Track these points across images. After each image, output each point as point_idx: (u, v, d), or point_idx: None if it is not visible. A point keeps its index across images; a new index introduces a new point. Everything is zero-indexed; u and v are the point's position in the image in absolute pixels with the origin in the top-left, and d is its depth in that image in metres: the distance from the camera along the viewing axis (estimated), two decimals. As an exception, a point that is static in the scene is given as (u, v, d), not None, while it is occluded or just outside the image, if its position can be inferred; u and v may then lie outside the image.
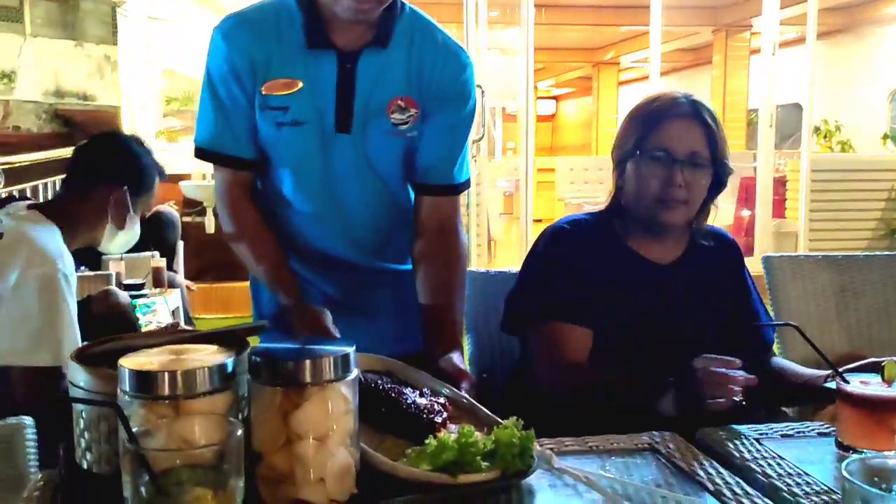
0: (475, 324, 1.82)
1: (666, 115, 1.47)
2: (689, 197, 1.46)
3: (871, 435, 1.00)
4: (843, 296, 1.83)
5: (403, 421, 1.02)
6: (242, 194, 1.44)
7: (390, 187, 1.45)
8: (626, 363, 1.43)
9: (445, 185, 1.45)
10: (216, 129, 1.40)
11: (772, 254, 1.87)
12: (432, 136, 1.40)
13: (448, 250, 1.46)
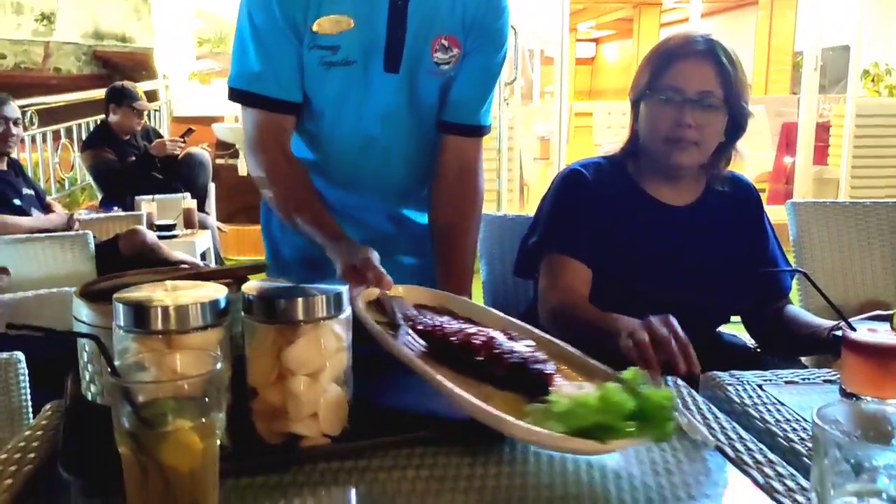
0: (491, 268, 1.83)
1: (679, 53, 1.45)
2: (700, 138, 1.44)
3: (875, 383, 0.99)
4: (868, 243, 1.78)
5: (508, 372, 0.91)
6: (276, 138, 1.37)
7: (426, 128, 1.44)
8: (637, 306, 1.42)
9: (471, 126, 1.44)
10: (258, 67, 1.33)
11: (798, 199, 1.83)
12: (466, 75, 1.39)
13: (465, 194, 1.46)
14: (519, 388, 0.90)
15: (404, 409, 0.98)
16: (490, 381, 0.91)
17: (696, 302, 1.48)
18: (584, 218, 1.48)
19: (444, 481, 0.81)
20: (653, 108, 1.45)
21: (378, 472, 0.83)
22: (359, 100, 1.36)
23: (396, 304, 1.06)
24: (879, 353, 0.99)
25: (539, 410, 0.82)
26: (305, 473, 0.83)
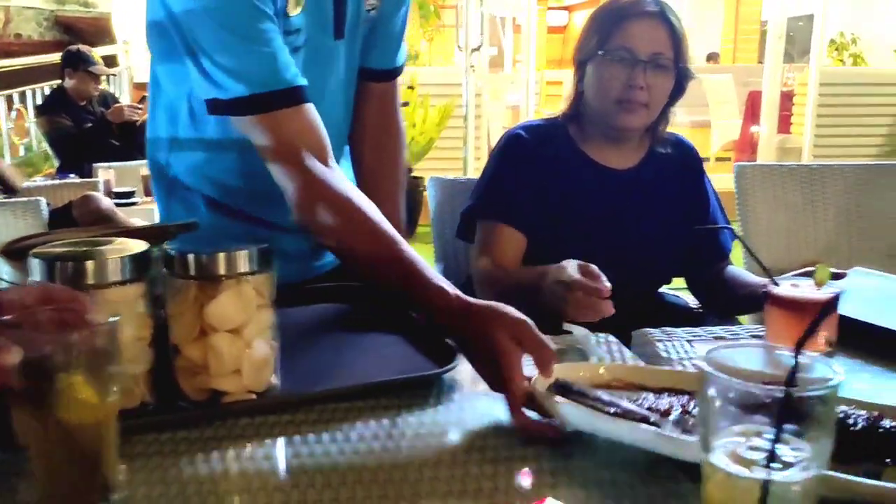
0: (440, 232, 1.83)
1: (630, 14, 1.44)
2: (650, 100, 1.44)
3: (796, 336, 1.00)
4: (811, 205, 1.81)
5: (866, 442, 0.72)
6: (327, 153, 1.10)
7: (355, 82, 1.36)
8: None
9: (390, 70, 1.39)
10: (274, 60, 1.06)
11: (744, 163, 1.85)
12: (388, 15, 1.33)
13: (390, 137, 1.42)
14: (875, 454, 0.71)
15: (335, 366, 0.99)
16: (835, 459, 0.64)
17: (638, 264, 1.50)
18: (523, 182, 1.47)
19: (369, 435, 0.81)
20: (603, 69, 1.44)
21: (301, 425, 0.84)
22: (318, 76, 1.23)
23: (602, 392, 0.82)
24: (799, 307, 1.01)
25: None
26: (227, 428, 0.83)
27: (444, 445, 0.80)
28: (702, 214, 1.56)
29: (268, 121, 1.05)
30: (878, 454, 0.71)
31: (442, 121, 5.44)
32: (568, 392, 0.79)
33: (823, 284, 1.03)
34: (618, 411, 0.76)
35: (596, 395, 0.79)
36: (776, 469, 0.52)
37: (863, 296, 1.21)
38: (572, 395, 0.79)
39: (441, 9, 6.84)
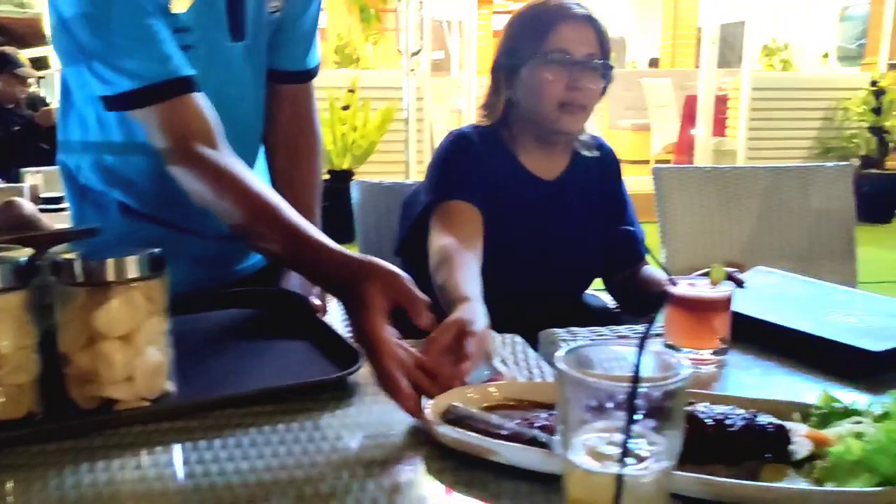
0: (365, 236, 1.82)
1: (561, 16, 1.43)
2: (587, 102, 1.44)
3: (691, 334, 1.04)
4: (726, 207, 1.86)
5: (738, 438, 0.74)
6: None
7: (263, 85, 1.35)
8: (508, 271, 1.45)
9: (302, 72, 1.38)
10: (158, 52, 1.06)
11: (661, 165, 1.89)
12: (294, 17, 1.32)
13: (305, 141, 1.40)
14: (754, 453, 0.74)
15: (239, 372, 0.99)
16: (717, 459, 0.73)
17: (562, 269, 1.52)
18: (472, 172, 1.45)
19: (265, 441, 0.81)
20: (542, 73, 1.42)
21: (196, 432, 0.83)
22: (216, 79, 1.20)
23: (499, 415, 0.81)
24: (693, 306, 1.04)
25: (828, 467, 0.70)
26: (120, 436, 0.82)
27: (342, 450, 0.80)
28: (620, 217, 1.58)
29: (154, 112, 1.06)
30: (757, 452, 0.74)
31: (383, 124, 5.43)
32: (458, 418, 0.79)
33: (718, 283, 1.06)
34: (508, 434, 0.76)
35: (486, 419, 0.79)
36: (630, 464, 0.53)
37: (760, 294, 1.25)
38: (462, 420, 0.79)
39: (382, 13, 6.84)
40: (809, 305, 1.22)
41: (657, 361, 0.57)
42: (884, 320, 1.13)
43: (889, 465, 0.67)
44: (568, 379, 0.55)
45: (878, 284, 4.09)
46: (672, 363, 0.56)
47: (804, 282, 1.35)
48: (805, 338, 1.06)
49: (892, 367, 1.00)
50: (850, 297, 1.27)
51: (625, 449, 0.53)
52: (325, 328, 1.08)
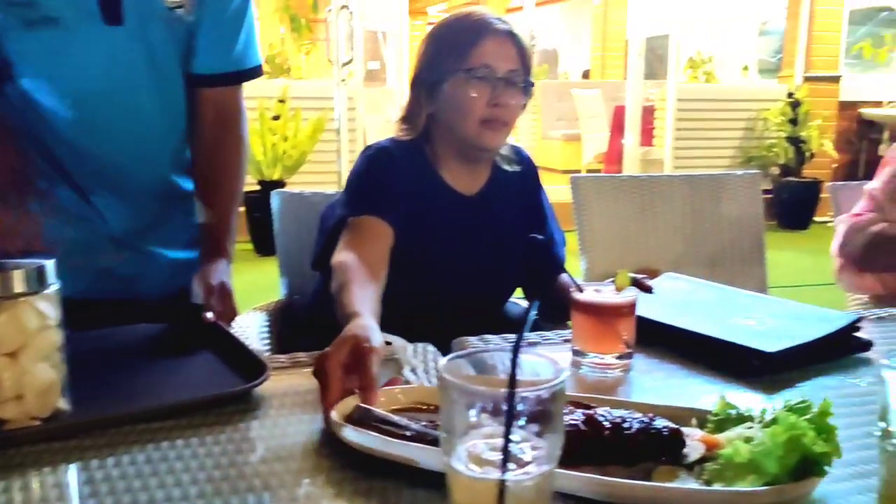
0: (285, 246, 1.81)
1: (485, 32, 1.42)
2: (510, 118, 1.43)
3: (596, 339, 1.06)
4: (642, 214, 1.91)
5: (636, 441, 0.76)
6: None
7: (172, 81, 1.33)
8: (429, 284, 1.45)
9: (224, 74, 1.36)
10: None
11: (579, 174, 1.92)
12: (208, 20, 1.30)
13: (228, 146, 1.39)
14: (650, 455, 0.76)
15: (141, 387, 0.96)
16: (614, 461, 0.75)
17: (483, 281, 1.52)
18: (389, 187, 1.43)
19: (159, 457, 0.79)
20: (465, 89, 1.40)
21: (88, 451, 0.80)
22: (76, 60, 1.21)
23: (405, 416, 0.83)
24: (598, 312, 1.06)
25: (718, 469, 0.72)
26: (8, 457, 0.79)
27: (242, 465, 0.79)
28: (541, 227, 1.60)
29: None
30: (653, 454, 0.76)
31: (314, 134, 5.39)
32: (365, 419, 0.80)
33: (623, 289, 1.09)
34: (412, 434, 0.77)
35: (391, 420, 0.80)
36: (512, 468, 0.54)
37: (667, 299, 1.28)
38: (369, 421, 0.80)
39: (314, 23, 6.80)
40: (713, 309, 1.26)
41: (537, 366, 0.58)
42: (783, 322, 1.17)
43: (774, 466, 0.69)
44: (449, 385, 0.55)
45: (797, 288, 4.25)
46: (551, 367, 0.57)
47: (710, 287, 1.39)
48: (705, 340, 1.09)
49: (787, 367, 1.04)
50: (752, 300, 1.32)
51: (506, 454, 0.54)
52: (232, 340, 1.06)
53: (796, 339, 1.07)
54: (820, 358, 1.08)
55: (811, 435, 0.70)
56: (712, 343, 1.08)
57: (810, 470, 0.70)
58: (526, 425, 0.56)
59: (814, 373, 1.05)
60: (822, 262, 1.95)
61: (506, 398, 0.52)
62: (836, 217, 1.94)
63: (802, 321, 1.16)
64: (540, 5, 12.92)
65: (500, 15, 1.49)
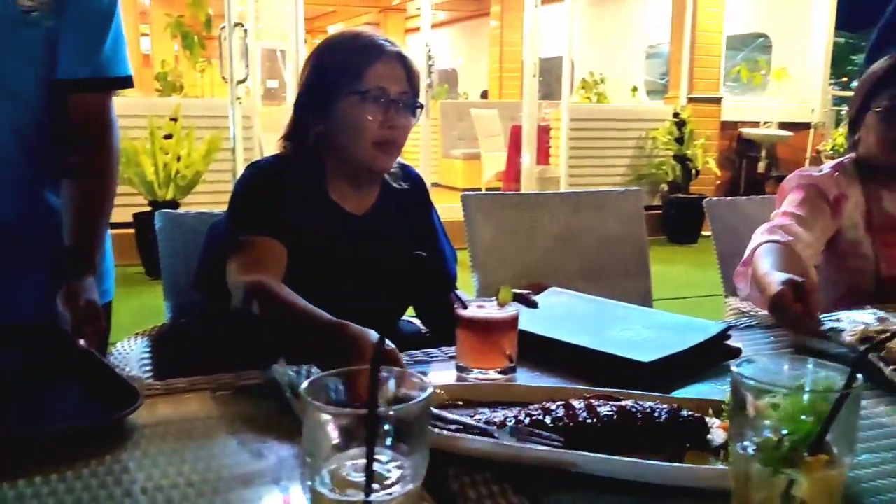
0: (171, 269, 1.75)
1: (376, 54, 1.41)
2: (402, 140, 1.43)
3: (481, 355, 1.07)
4: (532, 231, 1.95)
5: (666, 429, 0.85)
6: None
7: (31, 88, 1.28)
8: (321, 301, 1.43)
9: (88, 80, 1.31)
10: None
11: (468, 192, 1.95)
12: (70, 25, 1.26)
13: (97, 155, 1.34)
14: (678, 441, 0.84)
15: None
16: (645, 448, 0.82)
17: (374, 300, 1.51)
18: (274, 206, 1.40)
19: (14, 497, 0.74)
20: (358, 111, 1.38)
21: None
22: None
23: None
24: (480, 327, 1.07)
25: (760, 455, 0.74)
26: None
27: (111, 501, 0.75)
28: (431, 245, 1.61)
29: None
30: (679, 440, 0.84)
31: (209, 153, 5.25)
32: None
33: (506, 305, 1.10)
34: (459, 427, 0.84)
35: (438, 415, 0.86)
36: (376, 489, 0.54)
37: (550, 312, 1.31)
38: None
39: (207, 40, 6.65)
40: (593, 322, 1.29)
41: (403, 383, 0.58)
42: (658, 332, 1.22)
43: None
44: (310, 408, 0.54)
45: (685, 300, 4.43)
46: (416, 384, 0.57)
47: (591, 300, 1.43)
48: (584, 352, 1.12)
49: (661, 376, 1.08)
50: (631, 312, 1.36)
51: (368, 475, 0.53)
52: (103, 367, 1.02)
53: (670, 348, 1.12)
54: (693, 365, 1.13)
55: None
56: (591, 354, 1.11)
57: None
58: (394, 444, 0.56)
59: (689, 380, 1.10)
60: (709, 274, 2.03)
61: (365, 419, 0.52)
62: (712, 230, 2.04)
63: (676, 331, 1.21)
64: (437, 27, 13.16)
65: (387, 37, 1.50)
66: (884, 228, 1.73)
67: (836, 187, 1.72)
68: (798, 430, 0.57)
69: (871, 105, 1.74)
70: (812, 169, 1.81)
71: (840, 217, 1.72)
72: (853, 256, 1.75)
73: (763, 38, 8.56)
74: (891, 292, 1.64)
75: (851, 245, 1.74)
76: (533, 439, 0.82)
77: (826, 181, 1.73)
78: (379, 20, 13.16)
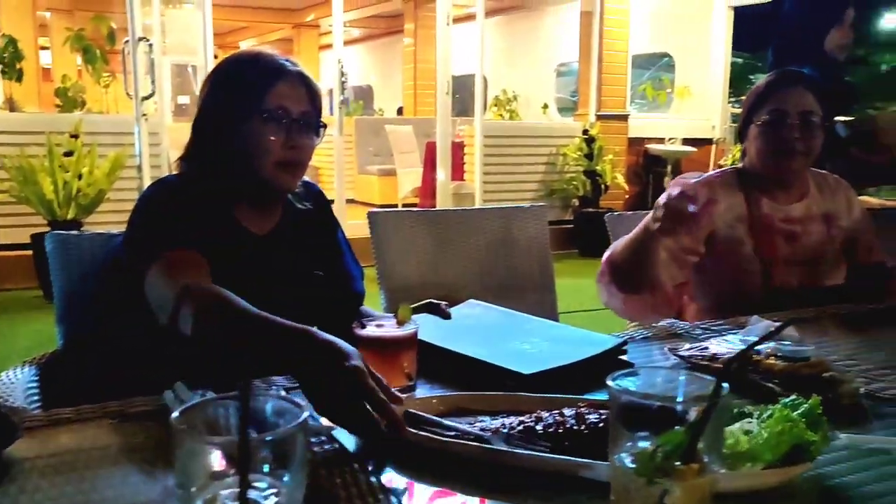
0: (64, 293, 1.67)
1: (278, 74, 1.40)
2: (304, 160, 1.42)
3: (381, 373, 1.06)
4: (441, 247, 1.96)
5: None
6: None
7: None
8: None
9: None
10: None
11: (375, 210, 1.95)
12: None
13: None
14: None
15: None
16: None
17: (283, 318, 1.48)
18: (190, 224, 1.35)
19: None
20: (260, 131, 1.36)
21: None
22: None
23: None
24: (380, 346, 1.07)
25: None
26: None
27: None
28: (336, 263, 1.59)
29: None
30: None
31: (112, 171, 5.08)
32: (416, 422, 0.94)
33: (405, 323, 1.10)
34: (457, 434, 0.91)
35: (437, 421, 0.94)
36: (252, 516, 0.52)
37: (460, 324, 1.34)
38: (420, 424, 0.93)
39: (111, 54, 6.44)
40: (497, 334, 1.33)
41: (277, 409, 0.57)
42: (554, 345, 1.26)
43: (769, 454, 0.81)
44: (182, 436, 0.53)
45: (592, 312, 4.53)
46: (292, 409, 0.57)
47: (502, 312, 1.47)
48: (474, 362, 1.16)
49: (542, 388, 1.08)
50: (536, 325, 1.40)
51: (243, 501, 0.52)
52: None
53: (558, 361, 1.15)
54: (583, 379, 1.14)
55: (801, 426, 0.82)
56: (480, 365, 1.15)
57: (800, 457, 0.81)
58: (271, 471, 0.55)
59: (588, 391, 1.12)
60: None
61: (238, 446, 0.51)
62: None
63: (574, 344, 1.24)
64: (352, 43, 13.15)
65: (288, 57, 1.49)
66: (763, 230, 1.84)
67: (705, 193, 1.80)
68: (670, 441, 0.59)
69: (753, 118, 1.85)
70: (690, 175, 1.90)
71: (709, 219, 1.75)
72: (734, 256, 1.83)
73: (667, 57, 8.90)
74: (779, 300, 1.72)
75: (729, 244, 1.84)
76: (521, 445, 0.87)
77: (695, 188, 1.81)
78: (292, 36, 13.04)
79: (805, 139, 1.80)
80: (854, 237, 1.91)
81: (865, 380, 1.17)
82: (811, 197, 1.91)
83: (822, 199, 1.92)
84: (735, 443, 0.83)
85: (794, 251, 1.84)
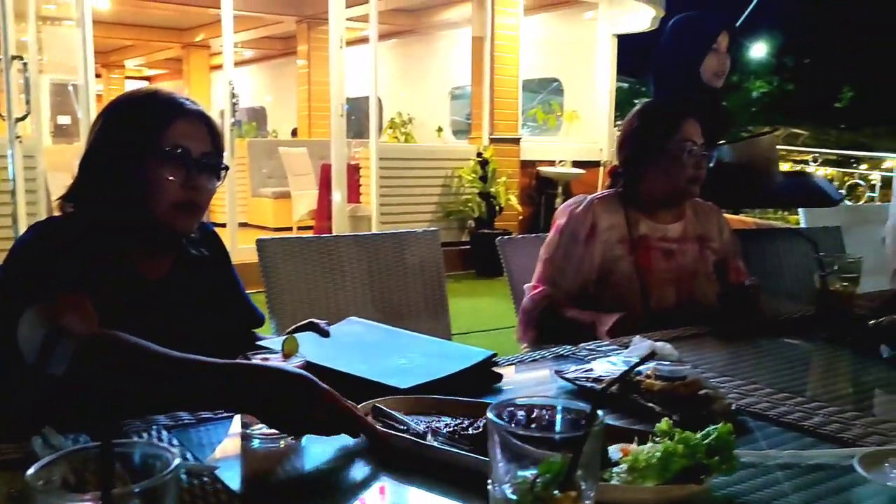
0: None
1: (177, 112, 1.34)
2: (203, 202, 1.36)
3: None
4: (331, 273, 1.94)
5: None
6: None
7: None
8: None
9: None
10: None
11: (264, 237, 1.91)
12: None
13: None
14: None
15: None
16: None
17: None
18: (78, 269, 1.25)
19: None
20: (158, 171, 1.30)
21: None
22: None
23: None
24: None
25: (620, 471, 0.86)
26: None
27: None
28: (238, 300, 1.55)
29: None
30: None
31: (-21, 196, 4.78)
32: (378, 415, 1.03)
33: (292, 355, 1.08)
34: (404, 429, 0.99)
35: (392, 415, 1.02)
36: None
37: (341, 341, 1.37)
38: (380, 417, 1.03)
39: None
40: (376, 350, 1.37)
41: (147, 455, 0.55)
42: (429, 360, 1.29)
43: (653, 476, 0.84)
44: (38, 497, 0.50)
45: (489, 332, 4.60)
46: (160, 455, 0.54)
47: (381, 329, 1.51)
48: (354, 379, 1.17)
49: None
50: (412, 341, 1.43)
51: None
52: None
53: (432, 374, 1.19)
54: (457, 391, 1.15)
55: (682, 450, 0.84)
56: (359, 381, 1.16)
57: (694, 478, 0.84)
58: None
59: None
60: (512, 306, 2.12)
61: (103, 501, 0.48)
62: (505, 266, 2.14)
63: (447, 358, 1.28)
64: (244, 64, 12.91)
65: (187, 96, 1.43)
66: (640, 247, 1.94)
67: (589, 219, 1.90)
68: (549, 470, 0.60)
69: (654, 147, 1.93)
70: (576, 200, 1.98)
71: (595, 241, 1.92)
72: (616, 275, 1.91)
73: (556, 82, 9.20)
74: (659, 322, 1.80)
75: (612, 262, 1.93)
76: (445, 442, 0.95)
77: (580, 216, 1.92)
78: (182, 56, 12.69)
79: (703, 167, 1.91)
80: (724, 258, 2.02)
81: (737, 395, 1.23)
82: (687, 219, 2.01)
83: (697, 222, 2.02)
84: (633, 459, 0.87)
85: (670, 268, 1.93)
